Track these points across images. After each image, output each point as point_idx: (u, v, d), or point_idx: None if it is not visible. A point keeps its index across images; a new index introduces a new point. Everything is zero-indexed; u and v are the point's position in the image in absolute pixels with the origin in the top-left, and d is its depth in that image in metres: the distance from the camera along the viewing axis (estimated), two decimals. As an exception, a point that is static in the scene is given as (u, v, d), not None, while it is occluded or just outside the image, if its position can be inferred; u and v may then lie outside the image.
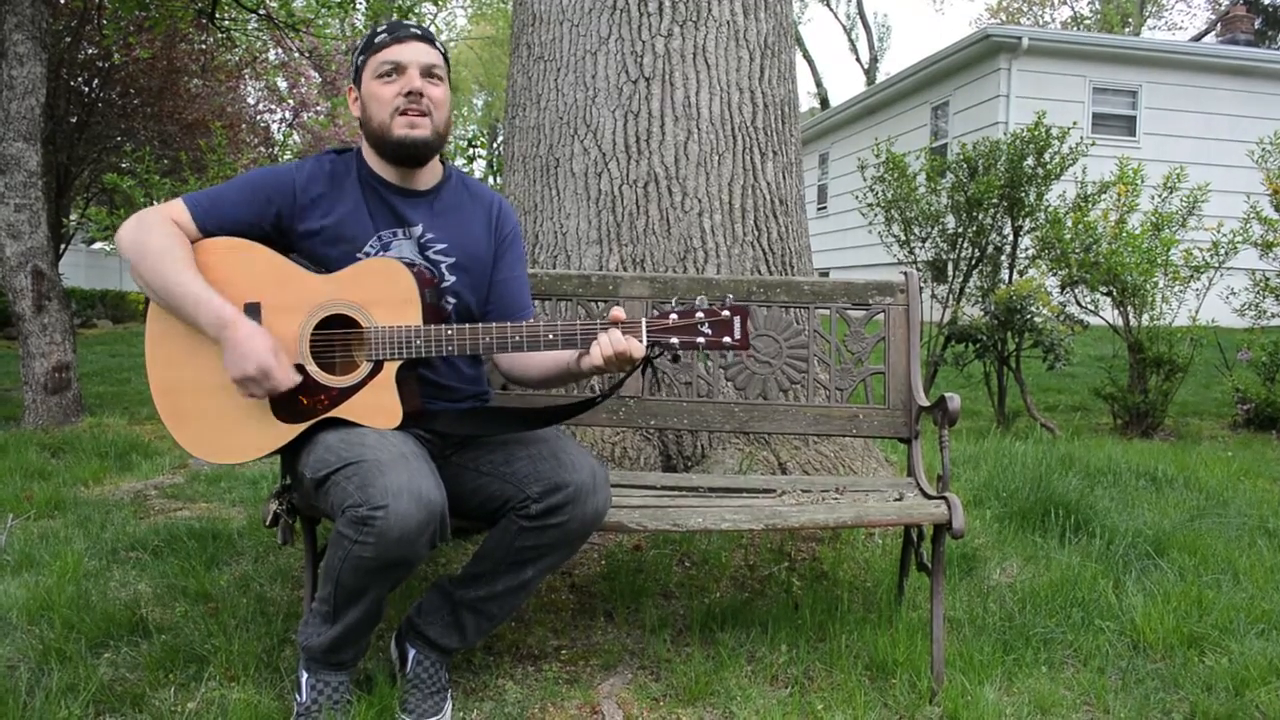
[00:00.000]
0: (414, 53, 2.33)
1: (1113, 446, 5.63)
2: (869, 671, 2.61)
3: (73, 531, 3.76)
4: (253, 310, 2.25)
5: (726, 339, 2.18)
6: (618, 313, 2.21)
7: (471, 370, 2.52)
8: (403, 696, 2.33)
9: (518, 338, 2.24)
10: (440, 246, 2.43)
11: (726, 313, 2.17)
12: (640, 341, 2.19)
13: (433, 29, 2.68)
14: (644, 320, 2.19)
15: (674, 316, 2.18)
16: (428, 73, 2.34)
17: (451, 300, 2.44)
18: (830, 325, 3.07)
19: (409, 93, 2.30)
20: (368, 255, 2.34)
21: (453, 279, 2.44)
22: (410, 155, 2.36)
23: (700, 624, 2.85)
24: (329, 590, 2.18)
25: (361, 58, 2.36)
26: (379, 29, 2.38)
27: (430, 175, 2.45)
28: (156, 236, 2.24)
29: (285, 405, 2.25)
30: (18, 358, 6.84)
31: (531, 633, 2.81)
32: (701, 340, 2.18)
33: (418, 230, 2.40)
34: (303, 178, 2.35)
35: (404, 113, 2.31)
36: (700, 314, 2.18)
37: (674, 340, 2.18)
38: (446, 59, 2.42)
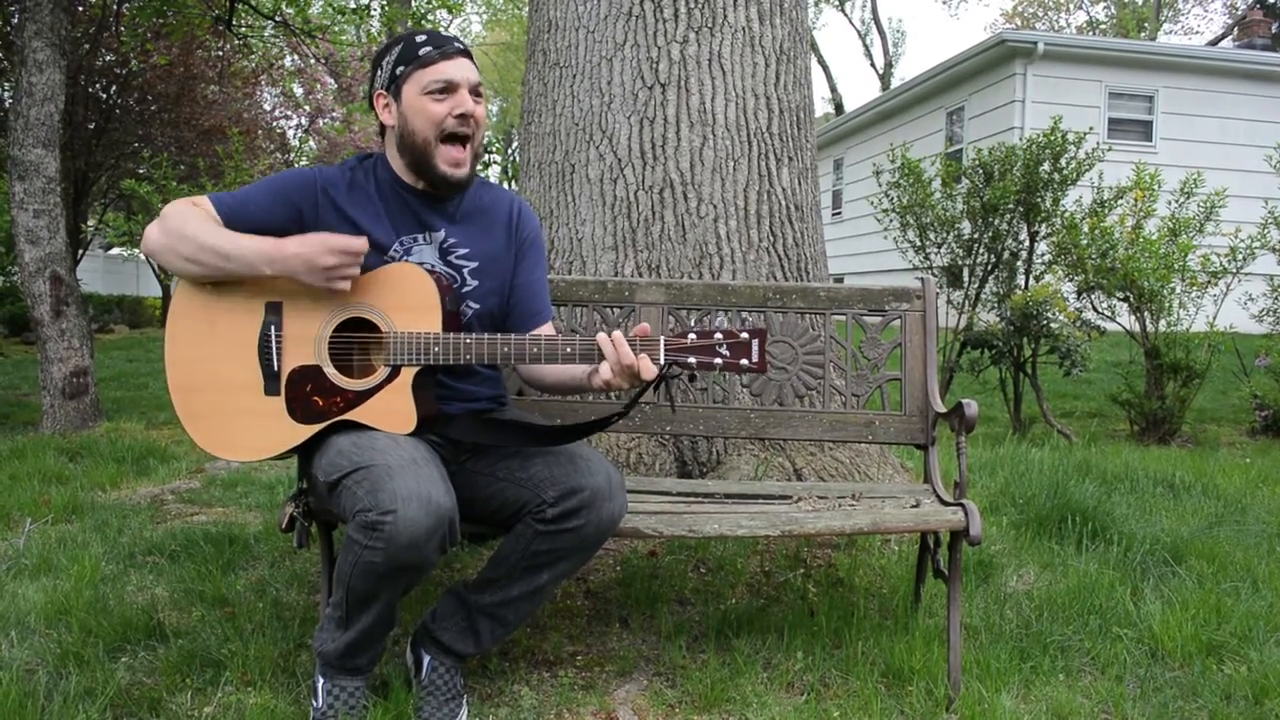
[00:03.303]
0: (463, 70, 2.31)
1: (1130, 453, 5.61)
2: (885, 679, 2.60)
3: (90, 536, 3.78)
4: (274, 308, 2.26)
5: (744, 361, 2.17)
6: (644, 328, 2.21)
7: (489, 373, 2.52)
8: (418, 703, 2.33)
9: (535, 349, 2.24)
10: (462, 251, 2.43)
11: (745, 335, 2.17)
12: (658, 359, 2.18)
13: (445, 33, 2.66)
14: (662, 339, 2.19)
15: (692, 336, 2.18)
16: (475, 91, 2.33)
17: (474, 305, 2.44)
18: (846, 331, 3.06)
19: (461, 114, 2.29)
20: (390, 260, 2.34)
21: (475, 283, 2.44)
22: (451, 191, 2.38)
23: (716, 630, 2.84)
24: (341, 595, 2.18)
25: (402, 68, 2.31)
26: (418, 38, 2.32)
27: None
28: (184, 214, 2.25)
29: (301, 405, 2.26)
30: (36, 363, 6.89)
31: (547, 639, 2.81)
32: (718, 362, 2.18)
33: (440, 235, 2.41)
34: (324, 182, 2.35)
35: (450, 137, 2.30)
36: (719, 335, 2.17)
37: (691, 360, 2.18)
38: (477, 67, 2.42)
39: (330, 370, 2.26)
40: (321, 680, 2.28)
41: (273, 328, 2.26)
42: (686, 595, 3.15)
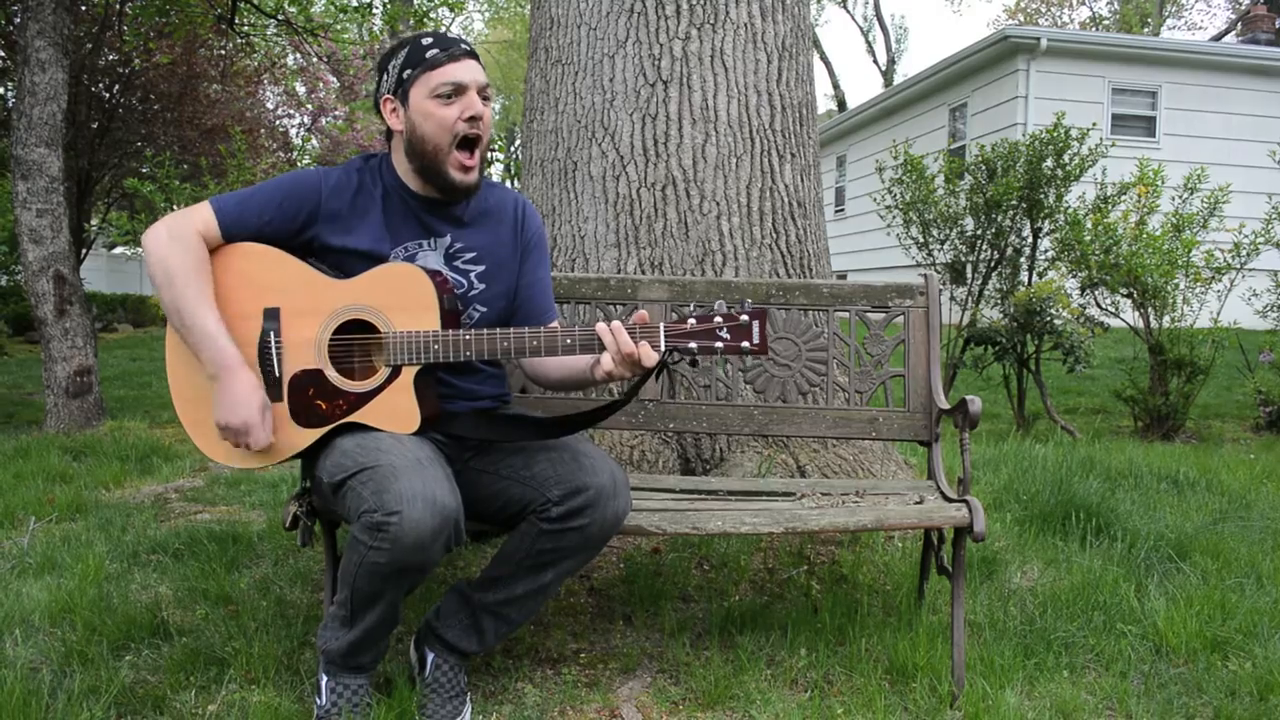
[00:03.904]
0: (471, 72, 2.28)
1: (1134, 449, 5.60)
2: (889, 675, 2.60)
3: (94, 534, 3.78)
4: (272, 314, 2.26)
5: (745, 344, 2.16)
6: (642, 315, 2.20)
7: (492, 371, 2.52)
8: (422, 700, 2.33)
9: (535, 343, 2.24)
10: (470, 255, 2.42)
11: (745, 317, 2.16)
12: (658, 346, 2.18)
13: (450, 34, 2.65)
14: (662, 325, 2.18)
15: (692, 321, 2.17)
16: (482, 92, 2.31)
17: (481, 309, 2.44)
18: (849, 328, 3.06)
19: (471, 117, 2.27)
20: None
21: (482, 287, 2.43)
22: (459, 197, 2.37)
23: (719, 627, 2.84)
24: (346, 594, 2.19)
25: (409, 71, 2.27)
26: (424, 40, 2.29)
27: None
28: (180, 256, 2.23)
29: (303, 410, 2.26)
30: (40, 362, 6.90)
31: (550, 636, 2.81)
32: (719, 345, 2.17)
33: (446, 240, 2.40)
34: (329, 187, 2.34)
35: (462, 143, 2.28)
36: (718, 319, 2.16)
37: (692, 345, 2.17)
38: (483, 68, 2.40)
39: (332, 373, 2.26)
40: (325, 678, 2.28)
41: (271, 333, 2.26)
42: (690, 592, 3.15)
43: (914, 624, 2.83)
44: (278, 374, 2.27)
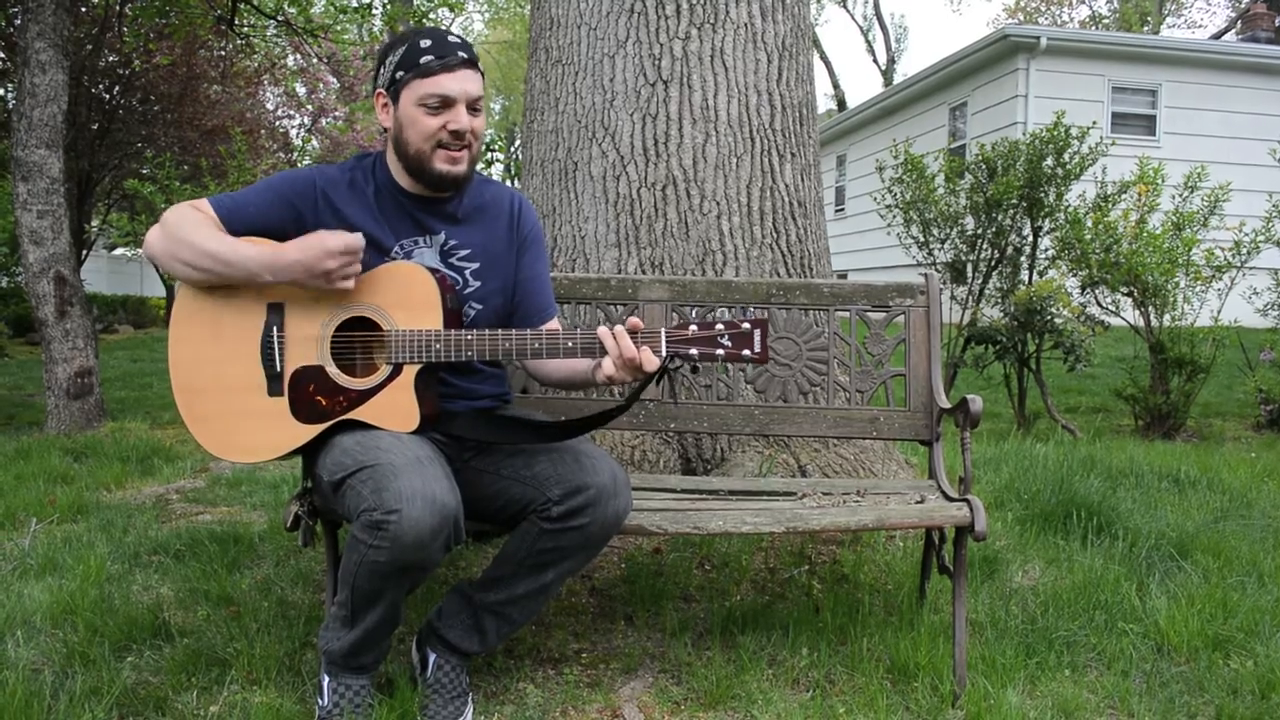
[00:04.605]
0: (462, 84, 2.26)
1: (1134, 448, 5.60)
2: (890, 675, 2.60)
3: (95, 535, 3.78)
4: (276, 309, 2.26)
5: (746, 352, 2.17)
6: (635, 322, 2.20)
7: (492, 371, 2.52)
8: (424, 701, 2.33)
9: (537, 344, 2.24)
10: (464, 252, 2.42)
11: (746, 325, 2.16)
12: (660, 351, 2.18)
13: (452, 36, 2.63)
14: (663, 330, 2.19)
15: (694, 328, 2.18)
16: (472, 105, 2.29)
17: (477, 305, 2.44)
18: (850, 327, 3.06)
19: (455, 131, 2.26)
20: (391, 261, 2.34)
21: (477, 284, 2.44)
22: (448, 188, 2.36)
23: (721, 627, 2.84)
24: (346, 594, 2.19)
25: (402, 73, 2.27)
26: (422, 43, 2.27)
27: None
28: (183, 219, 2.25)
29: (304, 406, 2.26)
30: (41, 363, 6.90)
31: (552, 636, 2.81)
32: (720, 353, 2.17)
33: (440, 237, 2.40)
34: (324, 184, 2.34)
35: (445, 146, 2.27)
36: (720, 326, 2.17)
37: (693, 351, 2.17)
38: (481, 74, 2.37)
39: (333, 370, 2.26)
40: (327, 679, 2.28)
41: (274, 328, 2.26)
42: (691, 592, 3.15)
43: (915, 623, 2.83)
44: (279, 369, 2.27)
